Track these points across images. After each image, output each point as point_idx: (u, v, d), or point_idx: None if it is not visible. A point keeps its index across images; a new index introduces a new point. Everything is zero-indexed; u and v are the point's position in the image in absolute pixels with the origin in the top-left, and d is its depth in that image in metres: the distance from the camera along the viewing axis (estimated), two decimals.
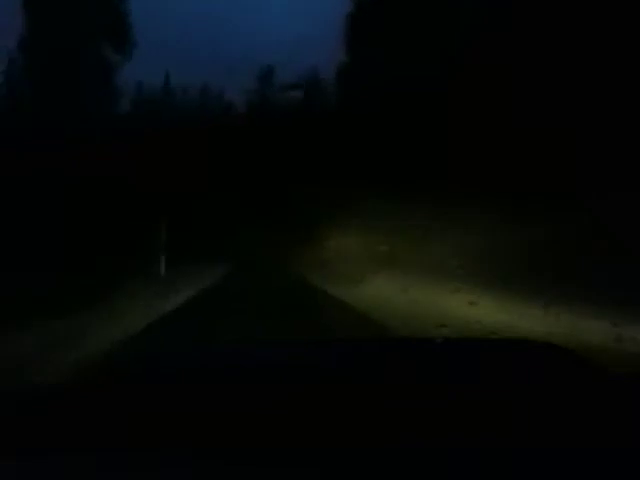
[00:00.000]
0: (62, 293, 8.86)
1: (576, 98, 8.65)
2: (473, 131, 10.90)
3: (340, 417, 0.94)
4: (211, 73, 37.05)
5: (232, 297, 10.84)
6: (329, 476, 0.82)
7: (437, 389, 1.09)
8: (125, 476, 0.84)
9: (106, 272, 12.14)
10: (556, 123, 9.05)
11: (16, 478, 0.84)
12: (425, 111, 13.85)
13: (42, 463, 0.86)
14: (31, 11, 22.16)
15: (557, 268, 7.25)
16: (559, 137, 8.97)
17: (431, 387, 1.11)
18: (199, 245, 18.70)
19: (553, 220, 8.36)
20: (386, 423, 0.92)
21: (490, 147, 10.13)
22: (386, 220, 12.84)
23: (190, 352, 1.72)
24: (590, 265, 7.02)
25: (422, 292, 8.60)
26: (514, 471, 0.81)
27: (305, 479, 0.83)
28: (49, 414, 1.00)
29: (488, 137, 10.36)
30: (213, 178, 23.28)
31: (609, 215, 7.43)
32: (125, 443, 0.91)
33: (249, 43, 45.44)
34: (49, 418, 0.99)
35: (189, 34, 52.29)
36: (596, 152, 8.15)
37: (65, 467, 0.86)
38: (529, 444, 0.86)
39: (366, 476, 0.81)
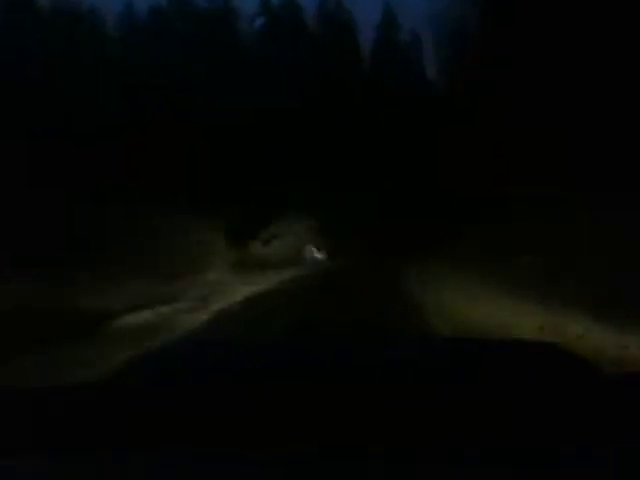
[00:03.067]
0: None
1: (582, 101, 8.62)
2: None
3: (340, 417, 0.94)
4: None
5: None
6: (329, 476, 0.82)
7: (437, 389, 1.09)
8: (125, 476, 0.84)
9: None
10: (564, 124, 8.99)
11: (16, 478, 0.84)
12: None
13: (42, 463, 0.87)
14: None
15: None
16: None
17: (431, 387, 1.11)
18: None
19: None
20: (386, 423, 0.92)
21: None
22: None
23: (190, 352, 1.72)
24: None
25: None
26: (514, 471, 0.81)
27: (305, 479, 0.83)
28: (49, 414, 1.00)
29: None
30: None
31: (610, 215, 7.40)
32: (125, 443, 0.91)
33: None
34: (49, 418, 0.99)
35: None
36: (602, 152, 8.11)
37: (65, 467, 0.86)
38: (529, 444, 0.86)
39: (366, 476, 0.81)
